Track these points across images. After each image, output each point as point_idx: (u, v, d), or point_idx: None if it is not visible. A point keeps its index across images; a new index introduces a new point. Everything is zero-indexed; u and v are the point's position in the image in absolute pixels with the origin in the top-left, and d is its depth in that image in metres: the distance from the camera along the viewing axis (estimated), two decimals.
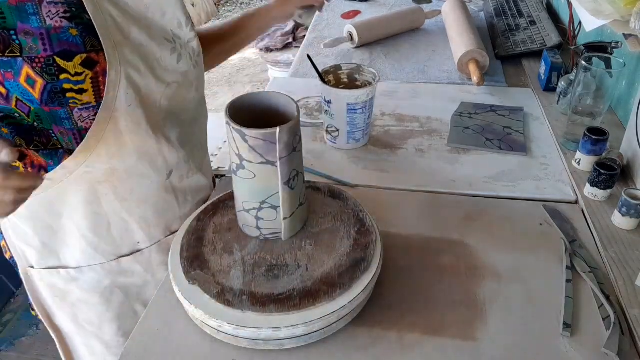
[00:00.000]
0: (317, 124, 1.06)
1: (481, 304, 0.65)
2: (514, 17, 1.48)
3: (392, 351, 0.60)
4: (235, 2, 5.15)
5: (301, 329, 0.57)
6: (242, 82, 3.52)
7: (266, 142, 0.57)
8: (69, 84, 0.59)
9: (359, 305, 0.62)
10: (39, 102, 0.60)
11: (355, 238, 0.68)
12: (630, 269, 0.68)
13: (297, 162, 0.63)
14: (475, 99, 1.14)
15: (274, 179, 0.60)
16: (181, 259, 0.66)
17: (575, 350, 0.59)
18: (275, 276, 0.62)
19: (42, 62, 0.57)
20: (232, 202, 0.76)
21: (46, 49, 0.57)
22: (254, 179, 0.61)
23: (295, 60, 1.40)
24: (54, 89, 0.59)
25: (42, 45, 0.56)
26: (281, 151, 0.58)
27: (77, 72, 0.59)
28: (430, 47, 1.41)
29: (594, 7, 0.80)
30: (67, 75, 0.59)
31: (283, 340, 0.58)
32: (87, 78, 0.60)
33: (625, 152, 0.86)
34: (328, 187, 0.76)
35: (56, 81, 0.58)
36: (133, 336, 0.63)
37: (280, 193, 0.61)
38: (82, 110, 0.62)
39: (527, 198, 0.84)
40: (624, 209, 0.74)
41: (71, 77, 0.59)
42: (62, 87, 0.59)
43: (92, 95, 0.61)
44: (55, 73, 0.58)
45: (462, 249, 0.74)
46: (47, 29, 0.56)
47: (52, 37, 0.56)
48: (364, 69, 0.98)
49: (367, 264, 0.63)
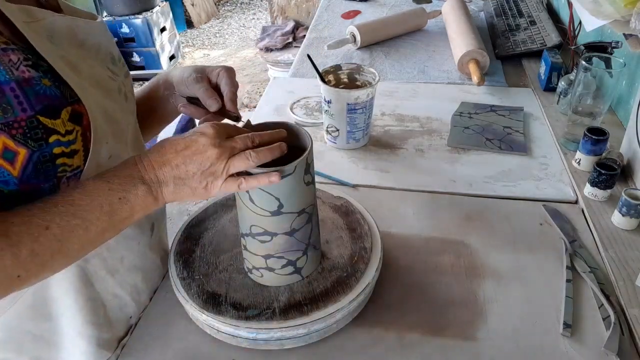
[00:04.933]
0: (317, 124, 1.06)
1: (481, 304, 0.65)
2: (514, 17, 1.48)
3: (392, 351, 0.60)
4: (235, 2, 5.16)
5: (301, 329, 0.57)
6: (242, 82, 3.52)
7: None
8: (60, 147, 0.49)
9: (359, 305, 0.62)
10: (18, 180, 0.47)
11: (355, 238, 0.68)
12: (630, 269, 0.68)
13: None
14: (475, 99, 1.14)
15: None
16: (181, 259, 0.66)
17: (575, 350, 0.59)
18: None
19: (23, 127, 0.46)
20: (228, 202, 0.76)
21: (25, 109, 0.46)
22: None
23: (295, 60, 1.40)
24: (41, 157, 0.48)
25: (19, 105, 0.46)
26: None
27: (67, 130, 0.49)
28: (430, 47, 1.41)
29: (594, 7, 0.80)
30: (57, 137, 0.49)
31: (283, 340, 0.58)
32: (78, 135, 0.51)
33: (625, 152, 0.86)
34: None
35: (44, 147, 0.48)
36: (133, 336, 0.63)
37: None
38: (70, 179, 0.52)
39: (527, 198, 0.84)
40: (624, 209, 0.74)
41: (62, 138, 0.49)
42: (51, 153, 0.48)
43: (81, 156, 0.52)
44: (43, 136, 0.47)
45: (462, 249, 0.74)
46: (17, 81, 0.46)
47: (27, 92, 0.47)
48: (364, 69, 0.98)
49: (367, 264, 0.63)
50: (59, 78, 0.50)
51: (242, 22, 4.66)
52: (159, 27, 3.56)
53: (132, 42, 3.51)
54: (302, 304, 0.59)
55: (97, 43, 0.59)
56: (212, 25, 4.64)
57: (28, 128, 0.47)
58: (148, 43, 3.49)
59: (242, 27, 4.56)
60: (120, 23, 3.44)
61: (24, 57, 0.47)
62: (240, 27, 4.56)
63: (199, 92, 0.64)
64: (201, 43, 4.26)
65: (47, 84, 0.48)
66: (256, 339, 0.58)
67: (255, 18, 4.74)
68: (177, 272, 0.64)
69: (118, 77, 0.61)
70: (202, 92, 0.64)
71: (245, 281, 0.63)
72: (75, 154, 0.51)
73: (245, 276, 0.64)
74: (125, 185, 0.49)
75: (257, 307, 0.59)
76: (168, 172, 0.51)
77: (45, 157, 0.48)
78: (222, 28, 4.56)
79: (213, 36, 4.39)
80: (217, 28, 4.56)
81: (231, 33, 4.44)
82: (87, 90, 0.53)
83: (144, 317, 0.65)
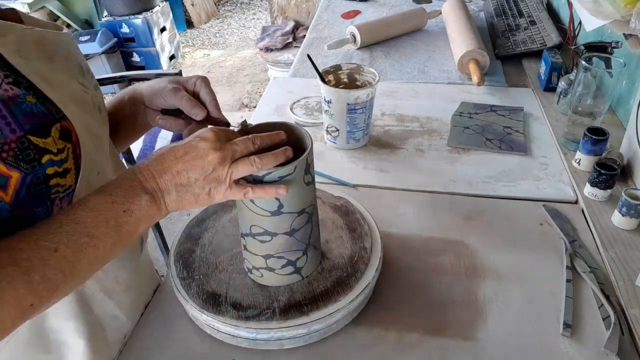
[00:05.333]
0: (317, 124, 1.06)
1: (481, 304, 0.65)
2: (514, 17, 1.48)
3: (392, 351, 0.60)
4: (235, 2, 5.15)
5: (301, 329, 0.57)
6: (242, 82, 3.53)
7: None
8: (53, 167, 0.48)
9: (359, 305, 0.62)
10: (10, 206, 0.46)
11: (355, 238, 0.68)
12: (630, 269, 0.68)
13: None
14: (475, 99, 1.14)
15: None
16: (181, 259, 0.66)
17: (575, 350, 0.59)
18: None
19: (13, 148, 0.44)
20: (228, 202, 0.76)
21: (13, 129, 0.44)
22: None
23: (295, 60, 1.40)
24: (35, 179, 0.46)
25: (7, 125, 0.44)
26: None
27: (59, 148, 0.48)
28: (430, 47, 1.41)
29: (594, 7, 0.80)
30: (50, 156, 0.47)
31: (283, 340, 0.58)
32: (69, 153, 0.49)
33: (625, 152, 0.86)
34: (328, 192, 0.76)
35: (37, 168, 0.46)
36: (133, 336, 0.63)
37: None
38: (63, 201, 0.50)
39: (527, 198, 0.84)
40: (624, 209, 0.74)
41: (55, 157, 0.48)
42: (45, 174, 0.47)
43: (73, 175, 0.50)
44: (35, 157, 0.46)
45: (462, 249, 0.74)
46: (2, 101, 0.44)
47: (14, 111, 0.45)
48: (364, 69, 0.98)
49: (367, 264, 0.63)
50: (41, 94, 0.48)
51: (242, 22, 4.66)
52: (159, 27, 3.56)
53: (132, 42, 3.51)
54: (302, 304, 0.59)
55: (66, 55, 0.56)
56: (212, 25, 4.64)
57: (19, 149, 0.45)
58: (148, 43, 3.49)
59: (242, 27, 4.56)
60: (120, 23, 3.44)
61: (4, 74, 0.45)
62: (240, 27, 4.56)
63: (182, 102, 0.61)
64: (201, 43, 4.26)
65: (32, 101, 0.47)
66: (256, 339, 0.58)
67: (255, 18, 4.74)
68: (177, 272, 0.64)
69: (89, 89, 0.59)
70: (185, 101, 0.61)
71: (245, 281, 0.63)
72: (67, 173, 0.50)
73: (245, 276, 0.64)
74: (128, 197, 0.47)
75: (257, 307, 0.59)
76: (169, 180, 0.49)
77: (39, 178, 0.47)
78: (222, 28, 4.56)
79: (213, 36, 4.39)
80: (217, 28, 4.56)
81: (231, 33, 4.44)
82: (68, 106, 0.51)
83: (144, 316, 0.65)
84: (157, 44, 3.52)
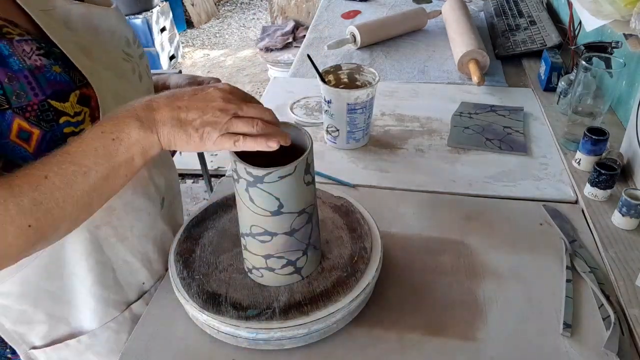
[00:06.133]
0: (317, 124, 1.06)
1: (481, 304, 0.65)
2: (514, 17, 1.48)
3: (392, 351, 0.60)
4: (235, 2, 5.15)
5: (301, 329, 0.57)
6: (242, 82, 3.53)
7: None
8: (69, 127, 0.54)
9: (359, 305, 0.62)
10: (34, 156, 0.52)
11: (355, 238, 0.68)
12: (630, 269, 0.68)
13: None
14: (475, 99, 1.14)
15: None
16: (181, 259, 0.66)
17: (575, 350, 0.59)
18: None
19: (35, 110, 0.51)
20: (228, 202, 0.76)
21: (37, 94, 0.51)
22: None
23: (295, 60, 1.40)
24: (53, 137, 0.53)
25: (31, 90, 0.50)
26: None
27: (76, 111, 0.54)
28: (430, 47, 1.41)
29: (594, 7, 0.80)
30: (67, 118, 0.53)
31: (283, 340, 0.58)
32: (87, 116, 0.55)
33: (625, 152, 0.86)
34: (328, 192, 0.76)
35: (56, 127, 0.53)
36: (133, 336, 0.63)
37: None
38: None
39: (527, 198, 0.84)
40: (624, 209, 0.74)
41: (72, 119, 0.54)
42: (62, 133, 0.53)
43: None
44: (54, 118, 0.52)
45: (462, 249, 0.74)
46: (30, 70, 0.50)
47: (39, 78, 0.51)
48: (364, 69, 0.98)
49: (367, 264, 0.63)
50: (69, 64, 0.53)
51: (242, 22, 4.66)
52: (158, 27, 3.56)
53: None
54: (302, 304, 0.59)
55: (112, 28, 0.62)
56: (212, 25, 4.63)
57: (40, 111, 0.51)
58: (148, 43, 3.49)
59: (242, 27, 4.56)
60: None
61: (36, 46, 0.51)
62: (240, 27, 4.56)
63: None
64: (201, 43, 4.26)
65: (57, 71, 0.52)
66: (256, 339, 0.58)
67: (255, 18, 4.73)
68: (177, 272, 0.64)
69: (132, 58, 0.65)
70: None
71: (245, 281, 0.63)
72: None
73: (245, 276, 0.64)
74: (117, 126, 0.50)
75: (257, 307, 0.59)
76: (167, 113, 0.51)
77: (57, 136, 0.53)
78: (222, 28, 4.56)
79: (213, 36, 4.39)
80: (217, 28, 4.56)
81: (231, 33, 4.44)
82: (99, 73, 0.56)
83: (144, 316, 0.66)
84: (157, 44, 3.52)
